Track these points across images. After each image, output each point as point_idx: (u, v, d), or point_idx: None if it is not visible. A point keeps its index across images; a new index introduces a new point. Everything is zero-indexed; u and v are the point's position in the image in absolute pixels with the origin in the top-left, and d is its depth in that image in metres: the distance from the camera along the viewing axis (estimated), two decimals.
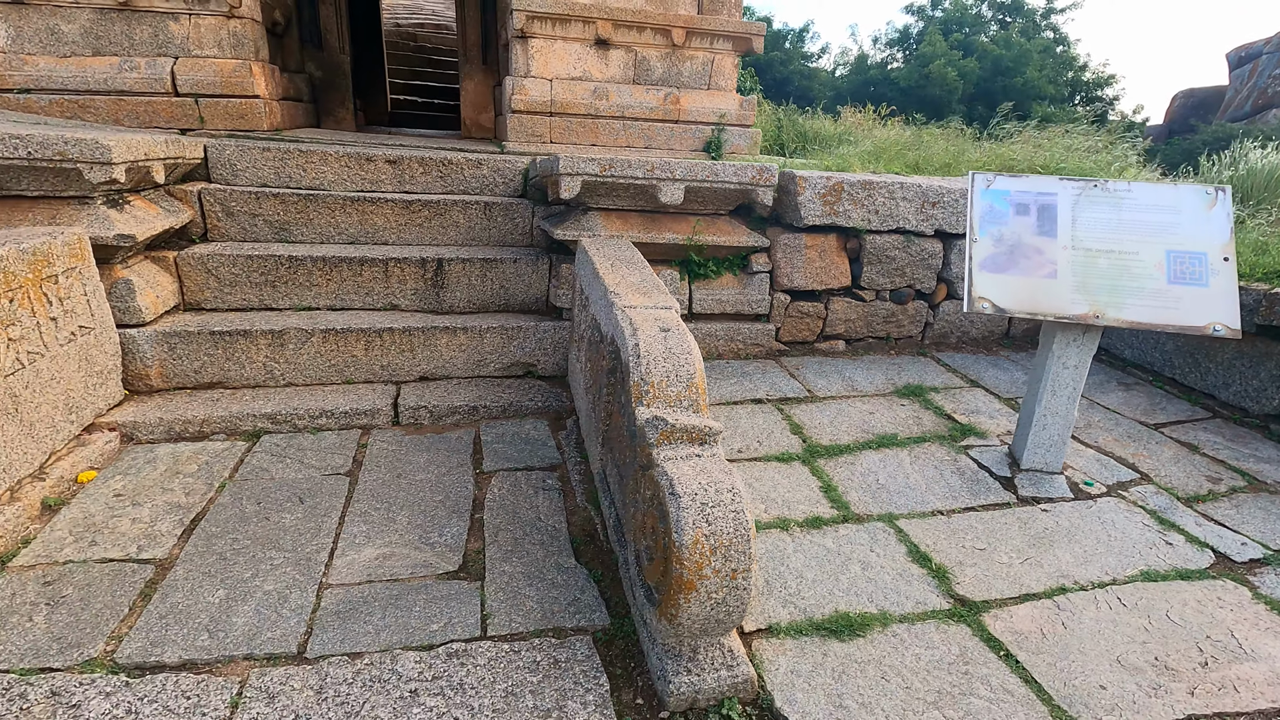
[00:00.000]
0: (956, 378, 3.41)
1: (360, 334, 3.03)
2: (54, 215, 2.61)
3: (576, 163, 3.03)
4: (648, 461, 1.76)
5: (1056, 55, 20.51)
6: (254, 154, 3.59)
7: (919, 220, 3.53)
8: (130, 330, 2.75)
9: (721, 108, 5.49)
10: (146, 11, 4.48)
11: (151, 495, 2.22)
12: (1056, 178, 2.51)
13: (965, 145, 4.70)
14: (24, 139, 2.43)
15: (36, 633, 1.65)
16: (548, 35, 5.09)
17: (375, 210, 3.56)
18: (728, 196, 3.32)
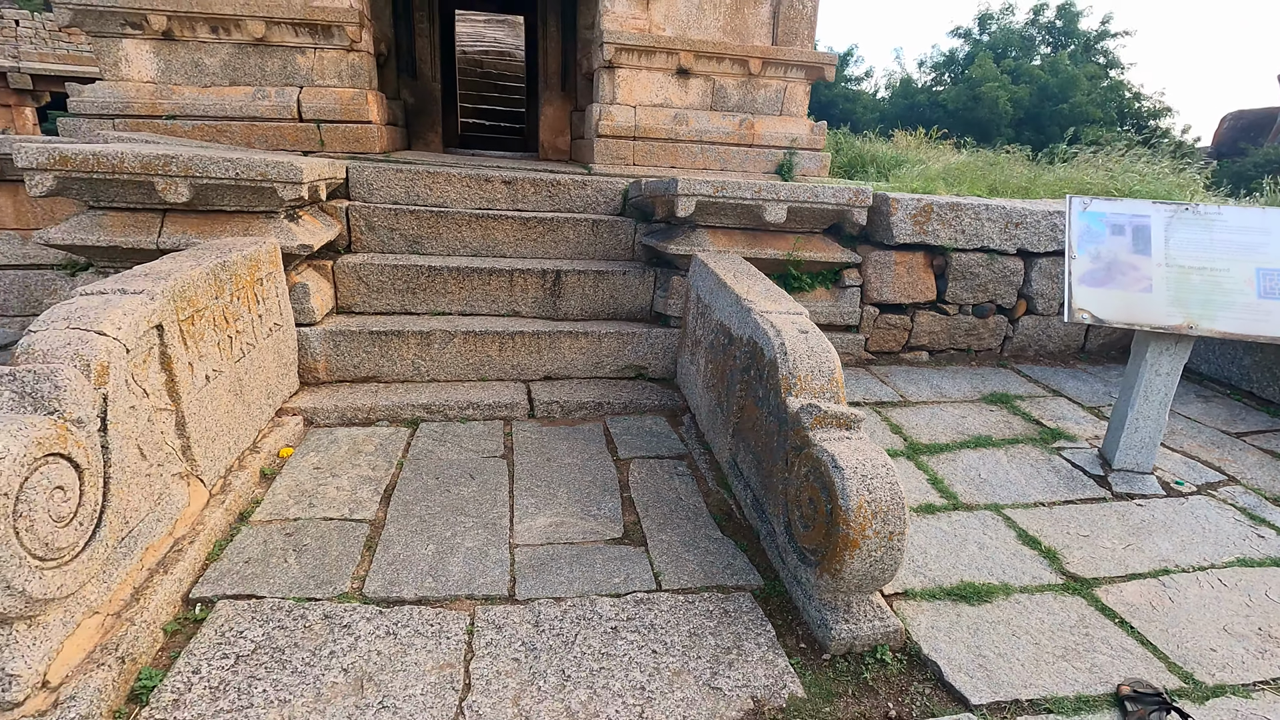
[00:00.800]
0: (1038, 387, 3.62)
1: (494, 336, 3.38)
2: (247, 228, 3.00)
3: (692, 184, 3.35)
4: (802, 443, 2.03)
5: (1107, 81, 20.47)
6: (388, 175, 3.99)
7: (1002, 240, 3.77)
8: (304, 329, 3.13)
9: (793, 132, 5.80)
10: (278, 46, 4.96)
11: (344, 469, 2.56)
12: (1149, 201, 2.75)
13: (1040, 168, 4.91)
14: (234, 162, 2.83)
15: (294, 571, 1.98)
16: (633, 65, 5.47)
17: (495, 226, 3.92)
18: (824, 216, 3.60)
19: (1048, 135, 18.21)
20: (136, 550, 1.81)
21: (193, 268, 2.24)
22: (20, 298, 4.16)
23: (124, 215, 2.91)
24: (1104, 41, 21.64)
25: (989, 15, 22.09)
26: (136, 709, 1.53)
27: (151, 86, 4.81)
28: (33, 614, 1.46)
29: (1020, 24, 21.91)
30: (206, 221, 2.97)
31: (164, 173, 2.76)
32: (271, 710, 1.53)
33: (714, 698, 1.65)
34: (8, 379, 1.57)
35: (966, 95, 18.35)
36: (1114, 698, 1.69)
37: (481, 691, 1.61)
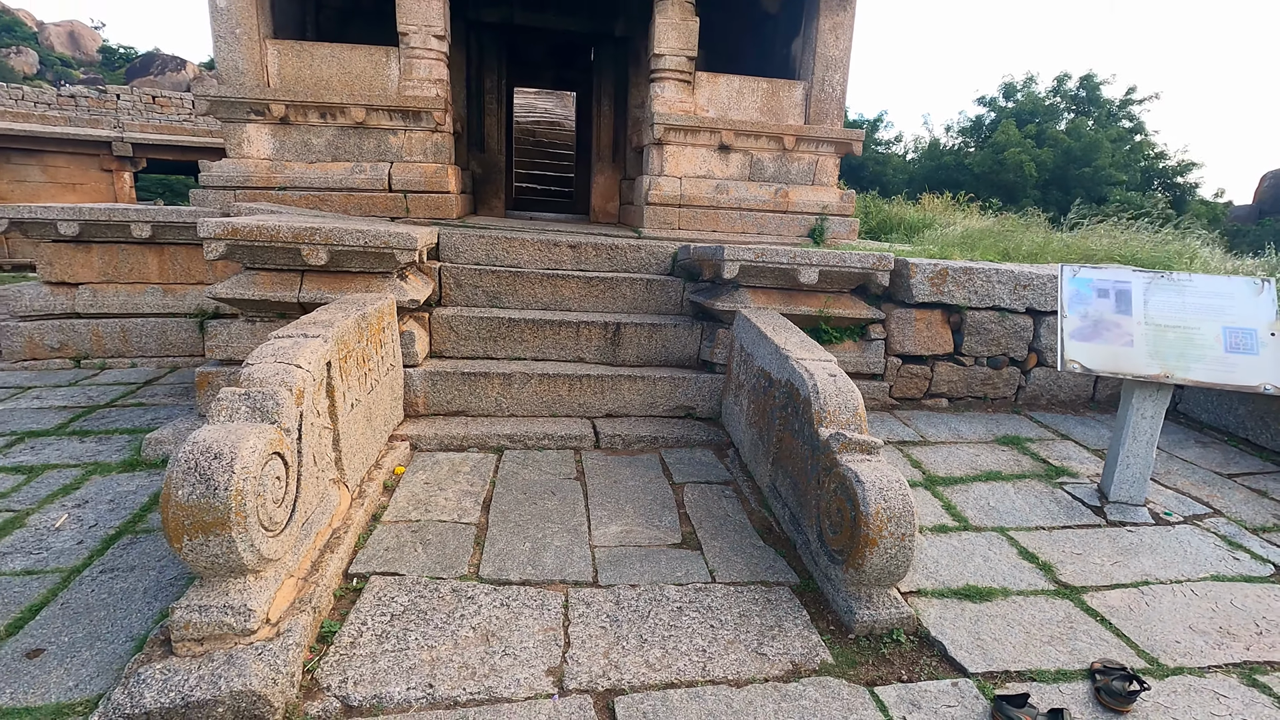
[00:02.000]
0: (1048, 432, 4.01)
1: (564, 379, 3.93)
2: (368, 285, 3.64)
3: (736, 251, 3.91)
4: (831, 464, 2.50)
5: (1132, 143, 20.95)
6: (472, 240, 4.65)
7: (1012, 299, 4.23)
8: (408, 369, 3.72)
9: (824, 200, 6.39)
10: (375, 128, 5.77)
11: (448, 484, 3.09)
12: (1130, 269, 3.21)
13: (1049, 235, 5.38)
14: (364, 232, 3.48)
15: (423, 558, 2.49)
16: (680, 142, 6.15)
17: (563, 284, 4.53)
18: (851, 278, 4.12)
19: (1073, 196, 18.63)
20: (312, 534, 2.34)
21: (344, 318, 2.84)
22: (157, 341, 4.88)
23: (272, 274, 3.57)
24: (1129, 107, 22.21)
25: (1013, 85, 22.90)
26: (325, 646, 2.03)
27: (268, 163, 5.63)
28: (260, 570, 1.99)
29: (1044, 93, 22.65)
30: (336, 280, 3.61)
31: (309, 241, 3.42)
32: (423, 652, 2.02)
33: (760, 660, 2.09)
34: (244, 397, 2.15)
35: (992, 159, 18.97)
36: (1087, 671, 2.08)
37: (579, 647, 2.08)
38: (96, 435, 3.57)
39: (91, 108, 15.73)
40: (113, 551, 2.51)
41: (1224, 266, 5.34)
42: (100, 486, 3.00)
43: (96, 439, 3.52)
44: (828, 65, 6.12)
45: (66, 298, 4.79)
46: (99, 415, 3.86)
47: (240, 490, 1.86)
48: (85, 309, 4.80)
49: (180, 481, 1.85)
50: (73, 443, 3.47)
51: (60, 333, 4.76)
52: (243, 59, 5.38)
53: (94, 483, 3.04)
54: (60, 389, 4.27)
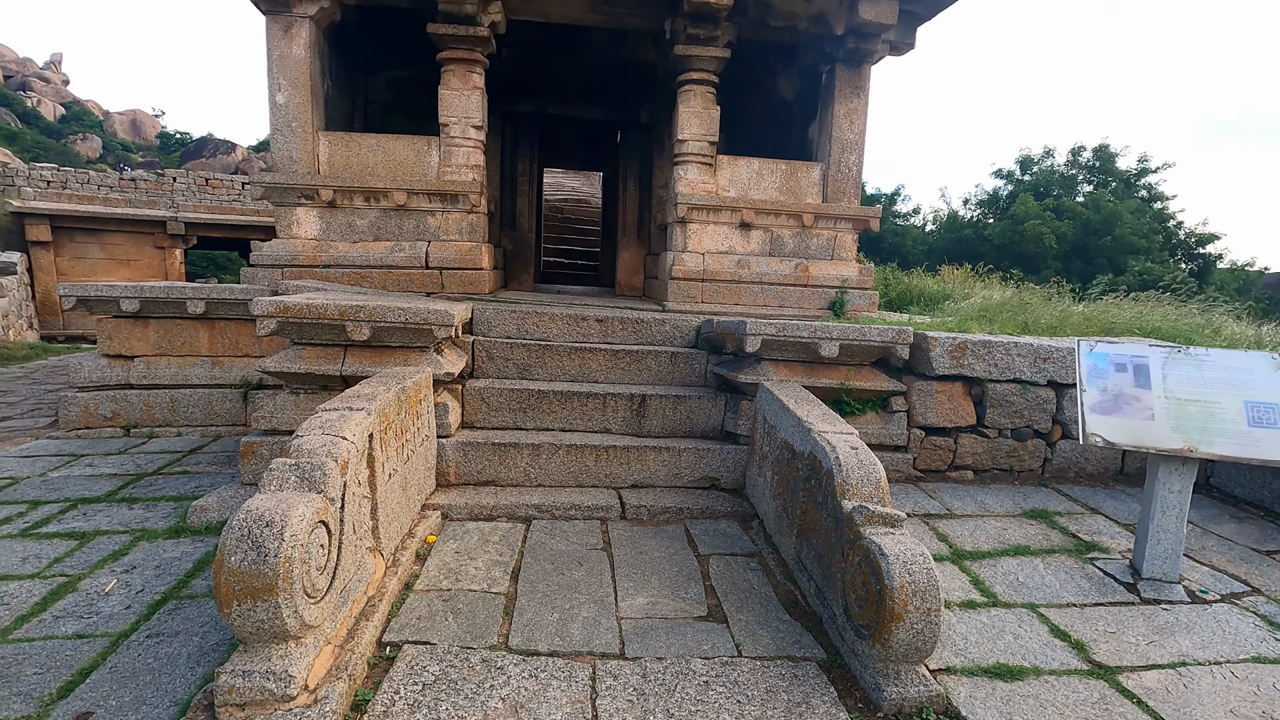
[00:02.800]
0: (1077, 505, 3.98)
1: (591, 449, 4.02)
2: (406, 359, 3.83)
3: (758, 326, 4.05)
4: (855, 536, 2.54)
5: (1150, 213, 21.13)
6: (504, 314, 4.86)
7: (1033, 372, 4.28)
8: (441, 439, 3.86)
9: (844, 274, 6.56)
10: (415, 210, 6.12)
11: (478, 554, 3.16)
12: (1148, 343, 3.27)
13: (1068, 308, 5.46)
14: (404, 309, 3.70)
15: (454, 628, 2.54)
16: (702, 220, 6.42)
17: (590, 356, 4.68)
18: (871, 351, 4.22)
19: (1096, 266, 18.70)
20: (349, 601, 2.42)
21: (385, 392, 3.00)
22: (203, 411, 5.10)
23: (317, 349, 3.78)
24: (1145, 178, 22.53)
25: (1030, 158, 23.44)
26: (359, 715, 2.08)
27: (314, 243, 5.98)
28: (301, 636, 2.07)
29: (1060, 164, 23.12)
30: (377, 354, 3.81)
31: (354, 318, 3.64)
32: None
33: None
34: (294, 468, 2.28)
35: (1011, 231, 19.23)
36: None
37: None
38: (144, 502, 3.72)
39: (149, 190, 16.80)
40: (158, 616, 2.61)
41: (1247, 334, 5.34)
42: (147, 552, 3.13)
43: (144, 506, 3.67)
44: (843, 148, 6.41)
45: (122, 370, 5.07)
46: (146, 483, 4.03)
47: (289, 557, 1.97)
48: (138, 380, 5.06)
49: (233, 548, 1.97)
50: (122, 509, 3.62)
51: (113, 403, 5.01)
52: (297, 149, 5.82)
53: (141, 549, 3.16)
54: (111, 457, 4.47)
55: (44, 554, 3.09)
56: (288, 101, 5.77)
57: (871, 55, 6.23)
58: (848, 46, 6.08)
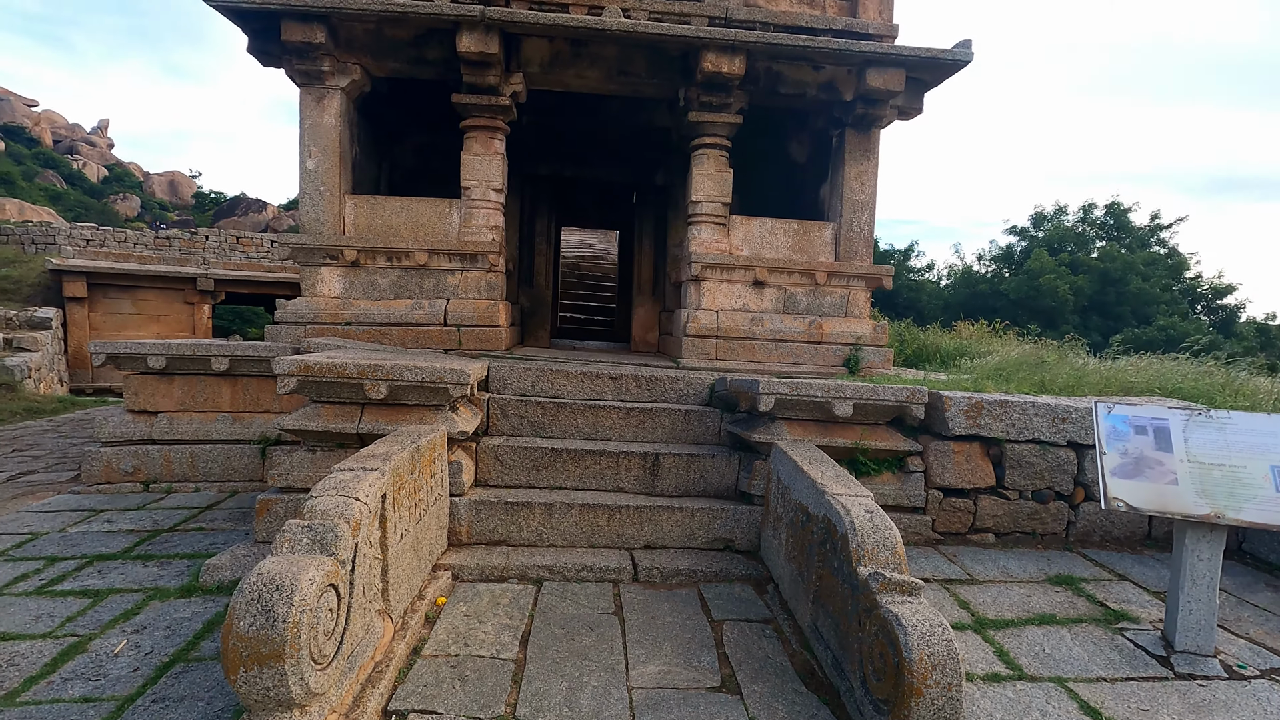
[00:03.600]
0: (1104, 571, 3.85)
1: (604, 509, 4.00)
2: (421, 418, 3.87)
3: (771, 385, 4.05)
4: (871, 605, 2.48)
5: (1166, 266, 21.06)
6: (519, 372, 4.91)
7: (1051, 432, 4.22)
8: (454, 498, 3.86)
9: (858, 331, 6.57)
10: (435, 269, 6.28)
11: (488, 618, 3.12)
12: (1166, 405, 3.22)
13: (1085, 366, 5.41)
14: (422, 369, 3.76)
15: (461, 696, 2.49)
16: (716, 279, 6.51)
17: (604, 414, 4.70)
18: (886, 411, 4.20)
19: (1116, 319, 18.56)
20: (355, 667, 2.39)
21: (400, 451, 3.03)
22: (221, 466, 5.15)
23: (335, 407, 3.84)
24: (1159, 233, 22.56)
25: (1043, 215, 23.63)
26: None
27: (337, 301, 6.13)
28: (305, 704, 2.05)
29: (1073, 221, 23.25)
30: (393, 412, 3.85)
31: (372, 377, 3.70)
32: None
33: None
34: (306, 529, 2.29)
35: (1027, 285, 19.22)
36: None
37: None
38: (159, 560, 3.74)
39: (182, 247, 17.41)
40: (165, 680, 2.59)
41: (1273, 390, 5.24)
42: (158, 612, 3.12)
43: (158, 563, 3.68)
44: (855, 208, 6.52)
45: (145, 425, 5.16)
46: (162, 540, 4.05)
47: (296, 622, 1.96)
48: (160, 436, 5.14)
49: (242, 613, 1.97)
50: (136, 567, 3.63)
51: (135, 458, 5.08)
52: (324, 212, 6.04)
53: (153, 608, 3.16)
54: (129, 512, 4.51)
55: (57, 612, 3.09)
56: (317, 167, 6.02)
57: (880, 120, 6.40)
58: (857, 112, 6.26)
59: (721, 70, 5.75)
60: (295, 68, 5.84)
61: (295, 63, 5.79)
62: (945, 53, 5.87)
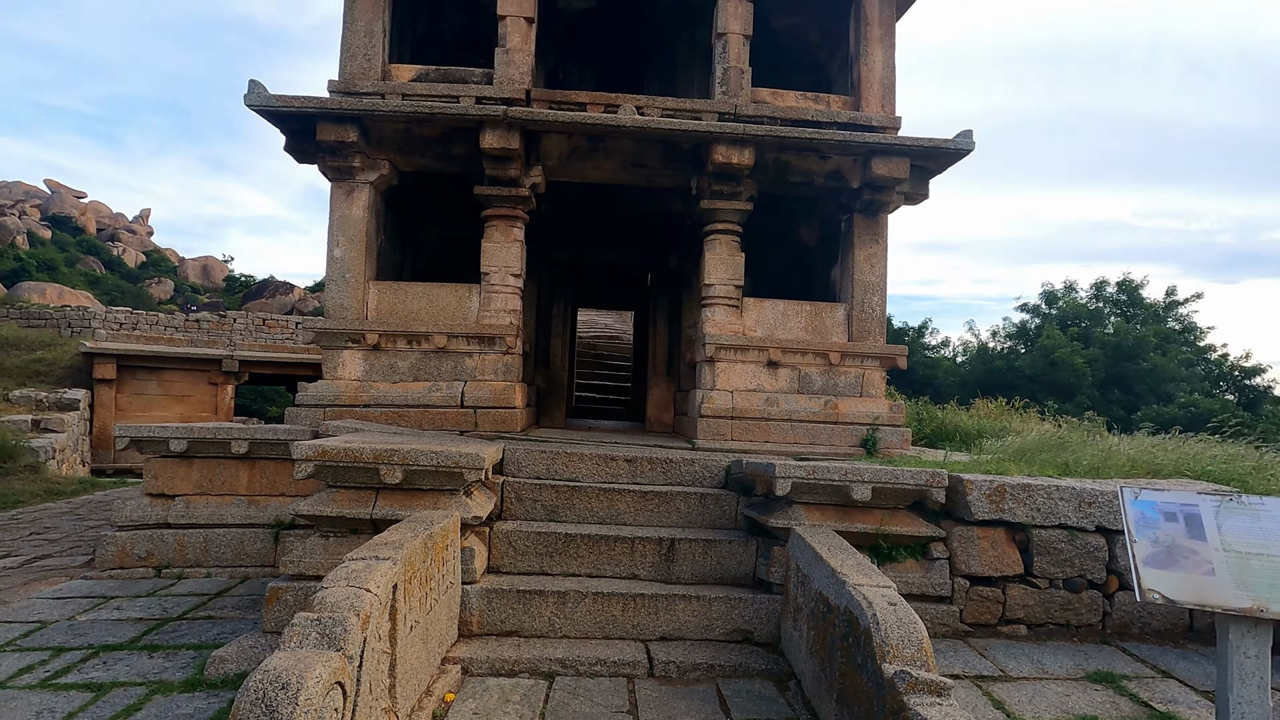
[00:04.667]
0: (1145, 667, 3.64)
1: (618, 598, 3.89)
2: (435, 503, 3.85)
3: (787, 468, 4.01)
4: (898, 706, 2.36)
5: (1184, 342, 20.89)
6: (534, 455, 4.91)
7: (1079, 517, 4.10)
8: (466, 586, 3.78)
9: (874, 411, 6.53)
10: (453, 352, 6.40)
11: (496, 716, 2.99)
12: (1195, 490, 3.14)
13: (1110, 447, 5.30)
14: (437, 453, 3.78)
15: None
16: (730, 360, 6.55)
17: (619, 498, 4.65)
18: (906, 495, 4.12)
19: (1136, 395, 18.26)
20: None
21: (413, 538, 3.01)
22: (233, 551, 5.12)
23: (350, 492, 3.84)
24: (1175, 309, 22.53)
25: (1054, 292, 23.77)
26: None
27: (357, 384, 6.24)
28: None
29: (1085, 298, 23.35)
30: (407, 497, 3.85)
31: (388, 461, 3.72)
32: None
33: None
34: (315, 623, 2.26)
35: (1043, 361, 19.10)
36: None
37: None
38: (165, 650, 3.67)
39: (211, 329, 17.93)
40: None
41: None
42: (161, 708, 3.04)
43: (164, 654, 3.61)
44: (865, 290, 6.62)
45: (162, 509, 5.18)
46: (170, 628, 3.99)
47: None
48: (176, 520, 5.15)
49: (246, 712, 1.92)
50: (142, 658, 3.56)
51: (149, 542, 5.08)
52: (348, 298, 6.24)
53: (156, 703, 3.08)
54: (139, 599, 4.47)
55: (59, 708, 3.02)
56: (344, 255, 6.27)
57: (887, 206, 6.59)
58: (864, 199, 6.45)
59: (731, 161, 6.00)
60: (328, 164, 6.18)
61: (328, 160, 6.14)
62: (947, 143, 6.10)
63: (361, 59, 6.34)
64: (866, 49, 6.69)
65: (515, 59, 6.38)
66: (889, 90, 6.73)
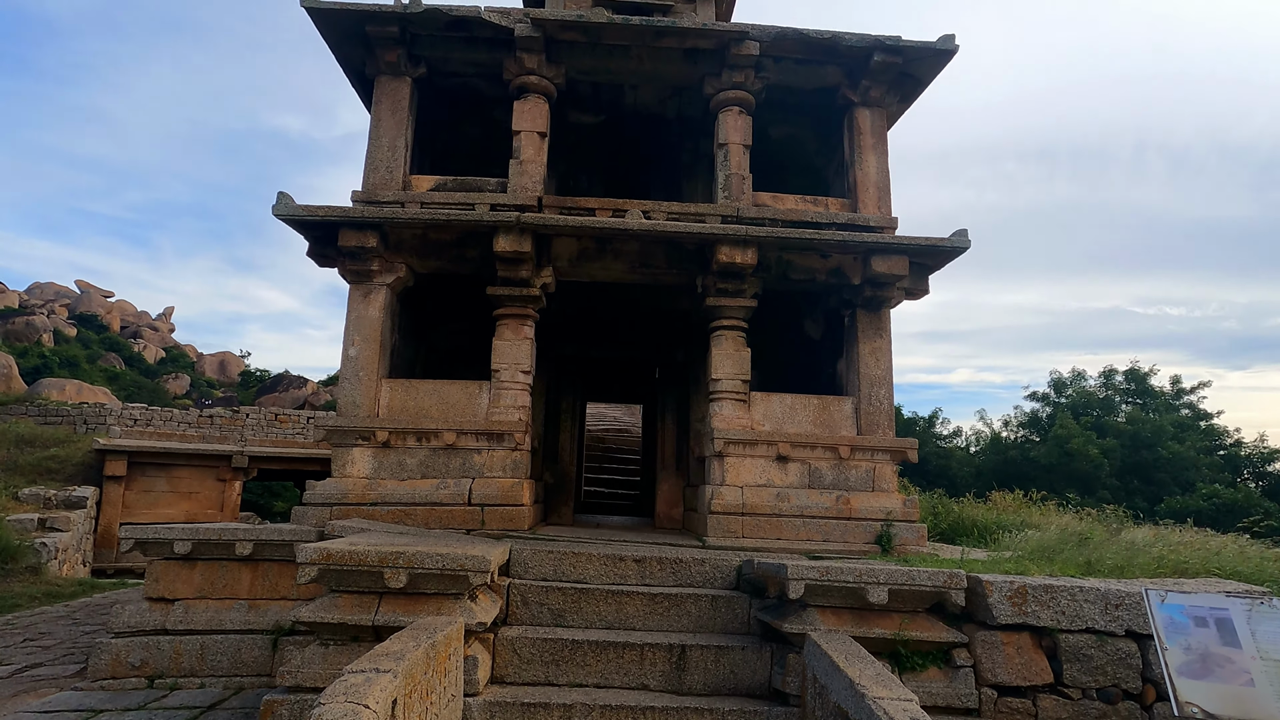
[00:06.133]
0: None
1: (628, 711, 3.71)
2: (439, 608, 3.76)
3: (800, 569, 3.91)
4: None
5: (1199, 430, 20.60)
6: (541, 556, 4.82)
7: (1106, 621, 3.93)
8: (468, 698, 3.63)
9: (887, 506, 6.40)
10: (462, 449, 6.40)
11: None
12: (1224, 592, 3.03)
13: (1134, 544, 5.14)
14: (443, 555, 3.72)
15: None
16: (739, 454, 6.51)
17: (628, 601, 4.52)
18: (923, 597, 3.98)
19: (1157, 485, 17.81)
20: None
21: (415, 648, 2.92)
22: (230, 659, 4.96)
23: (353, 597, 3.77)
24: (1184, 396, 22.41)
25: (1063, 380, 23.75)
26: None
27: (365, 481, 6.22)
28: None
29: (1094, 385, 23.30)
30: (411, 602, 3.76)
31: (393, 564, 3.67)
32: None
33: None
34: None
35: (1058, 452, 18.82)
36: None
37: None
38: None
39: (223, 425, 18.07)
40: None
41: None
42: None
43: None
44: (872, 383, 6.66)
45: (161, 614, 5.06)
46: None
47: None
48: (174, 625, 5.01)
49: None
50: None
51: (144, 649, 4.93)
52: (361, 395, 6.33)
53: None
54: (129, 714, 4.29)
55: None
56: (358, 354, 6.42)
57: (889, 301, 6.74)
58: (865, 294, 6.61)
59: (735, 261, 6.21)
60: (348, 268, 6.44)
61: (348, 264, 6.40)
62: (943, 241, 6.31)
63: (384, 171, 6.74)
64: (861, 156, 7.05)
65: (528, 169, 6.76)
66: (884, 193, 7.03)
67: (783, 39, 6.74)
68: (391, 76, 6.88)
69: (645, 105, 7.87)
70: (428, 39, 6.84)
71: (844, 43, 6.73)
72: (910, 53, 6.81)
